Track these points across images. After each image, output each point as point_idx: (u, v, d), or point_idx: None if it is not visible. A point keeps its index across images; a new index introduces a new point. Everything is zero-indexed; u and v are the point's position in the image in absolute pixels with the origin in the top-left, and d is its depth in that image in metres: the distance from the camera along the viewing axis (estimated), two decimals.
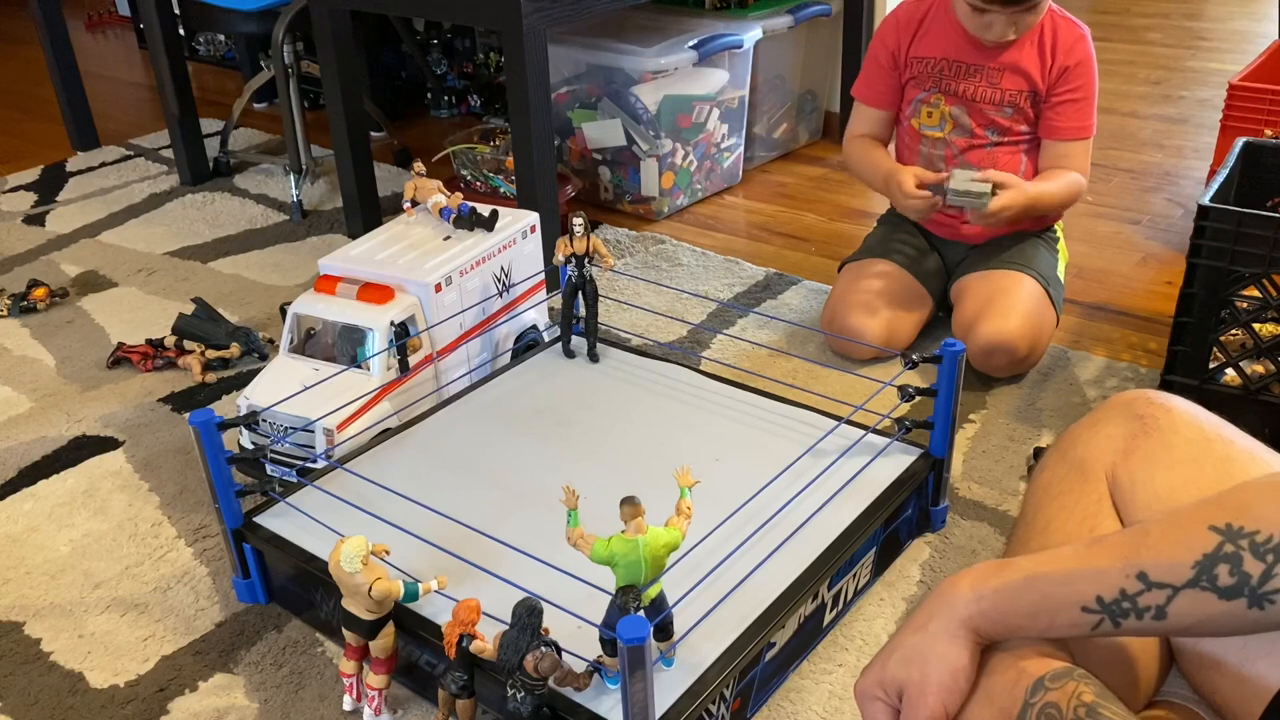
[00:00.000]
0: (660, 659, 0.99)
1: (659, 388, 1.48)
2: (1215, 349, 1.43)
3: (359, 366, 1.42)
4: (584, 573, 0.99)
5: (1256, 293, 1.38)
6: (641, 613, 0.92)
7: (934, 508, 1.33)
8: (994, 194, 1.55)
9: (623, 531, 0.91)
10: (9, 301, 1.98)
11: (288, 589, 1.23)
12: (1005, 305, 1.60)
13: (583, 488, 0.94)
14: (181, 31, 2.71)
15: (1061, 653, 0.79)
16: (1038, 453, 1.45)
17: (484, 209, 1.58)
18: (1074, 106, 1.64)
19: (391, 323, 1.42)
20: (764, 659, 1.06)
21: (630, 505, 0.90)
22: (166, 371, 1.77)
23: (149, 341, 1.81)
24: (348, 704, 1.10)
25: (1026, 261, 1.67)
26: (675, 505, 0.96)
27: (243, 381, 1.67)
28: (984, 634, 0.77)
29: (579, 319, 1.57)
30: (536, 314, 1.67)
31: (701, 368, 1.63)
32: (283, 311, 1.67)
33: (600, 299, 1.54)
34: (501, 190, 2.17)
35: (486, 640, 0.96)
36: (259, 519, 1.23)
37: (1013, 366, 1.61)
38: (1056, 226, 1.78)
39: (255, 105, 3.17)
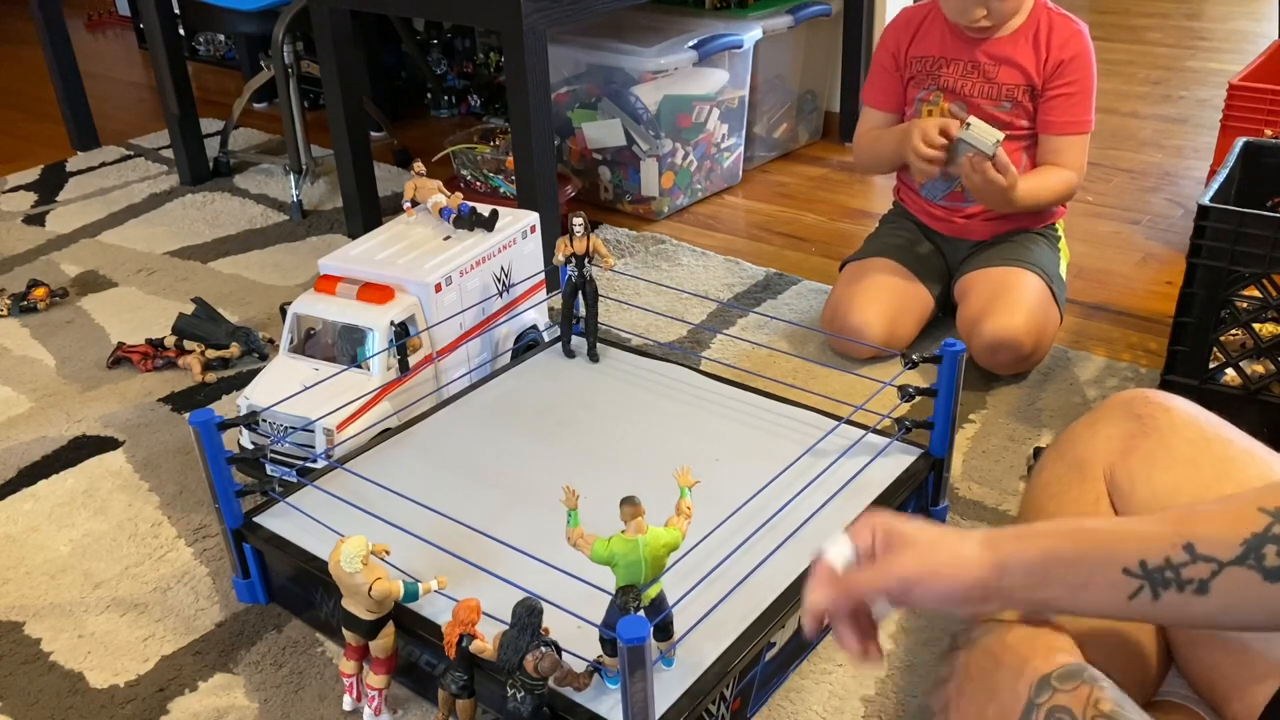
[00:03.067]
0: (660, 659, 0.99)
1: (659, 388, 1.48)
2: (1215, 349, 1.43)
3: (359, 366, 1.42)
4: (584, 573, 0.99)
5: (1256, 293, 1.38)
6: (641, 613, 0.92)
7: (934, 508, 1.33)
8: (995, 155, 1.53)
9: (623, 531, 0.91)
10: (9, 301, 1.98)
11: (288, 589, 1.23)
12: (1010, 301, 1.60)
13: (583, 488, 0.94)
14: (181, 31, 2.71)
15: (1064, 638, 0.77)
16: (1038, 453, 1.45)
17: (484, 209, 1.58)
18: (1067, 100, 1.65)
19: (391, 323, 1.42)
20: (764, 659, 1.06)
21: (630, 505, 0.90)
22: (166, 371, 1.77)
23: (149, 341, 1.81)
24: (348, 704, 1.10)
25: (1031, 259, 1.68)
26: (675, 505, 0.96)
27: (243, 381, 1.67)
28: (1010, 573, 0.72)
29: (579, 319, 1.57)
30: (536, 314, 1.67)
31: (701, 368, 1.63)
32: (283, 311, 1.67)
33: (600, 299, 1.54)
34: (501, 190, 2.17)
35: (486, 640, 0.96)
36: (259, 519, 1.23)
37: (1018, 363, 1.61)
38: (1058, 225, 1.78)
39: (255, 105, 3.17)
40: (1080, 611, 0.73)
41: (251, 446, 1.38)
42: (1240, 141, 1.61)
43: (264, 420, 1.37)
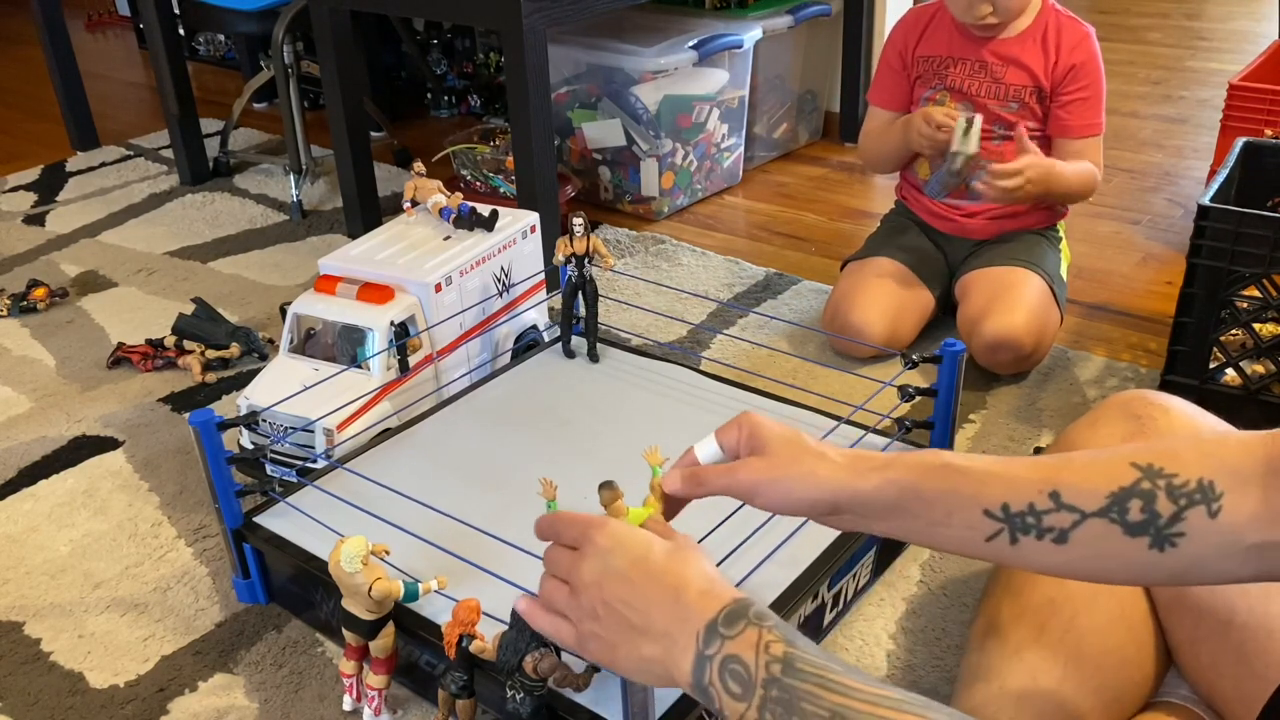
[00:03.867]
0: None
1: (659, 388, 1.48)
2: (1215, 349, 1.43)
3: (359, 366, 1.42)
4: None
5: (1256, 293, 1.38)
6: None
7: None
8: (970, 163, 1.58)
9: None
10: (9, 301, 1.98)
11: (288, 589, 1.23)
12: (1011, 301, 1.60)
13: (582, 487, 0.94)
14: (181, 31, 2.71)
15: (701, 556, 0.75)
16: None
17: (484, 209, 1.58)
18: (1084, 105, 1.66)
19: (391, 323, 1.42)
20: None
21: (609, 489, 0.91)
22: (166, 371, 1.77)
23: (149, 341, 1.81)
24: (348, 704, 1.10)
25: (1032, 258, 1.68)
26: (649, 484, 0.95)
27: (243, 381, 1.67)
28: (864, 503, 0.73)
29: (579, 319, 1.57)
30: (536, 314, 1.67)
31: (701, 368, 1.63)
32: (283, 311, 1.67)
33: (600, 299, 1.54)
34: (501, 190, 2.17)
35: (486, 640, 0.96)
36: (259, 519, 1.23)
37: (1018, 363, 1.61)
38: (1059, 226, 1.78)
39: (255, 105, 3.17)
40: (935, 546, 0.73)
41: (251, 446, 1.38)
42: (1240, 141, 1.62)
43: (264, 420, 1.37)
